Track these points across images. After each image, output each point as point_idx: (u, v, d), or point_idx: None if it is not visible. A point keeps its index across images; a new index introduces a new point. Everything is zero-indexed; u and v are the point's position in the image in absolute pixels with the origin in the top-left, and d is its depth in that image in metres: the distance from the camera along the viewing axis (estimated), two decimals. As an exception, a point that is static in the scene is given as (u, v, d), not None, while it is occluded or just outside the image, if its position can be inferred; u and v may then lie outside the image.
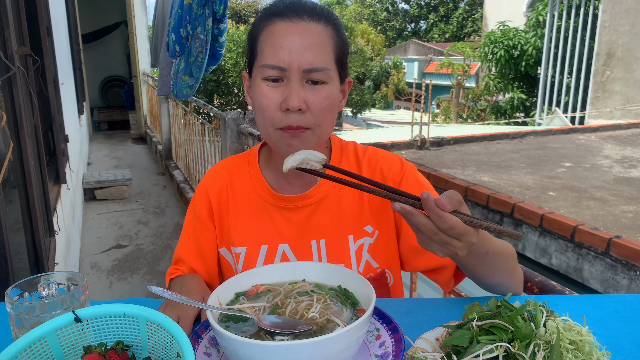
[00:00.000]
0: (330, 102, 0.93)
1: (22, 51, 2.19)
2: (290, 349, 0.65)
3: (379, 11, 32.10)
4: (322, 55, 0.91)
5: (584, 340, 0.69)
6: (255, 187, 1.06)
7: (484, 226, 0.73)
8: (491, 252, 0.85)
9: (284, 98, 0.90)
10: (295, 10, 0.92)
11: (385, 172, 1.04)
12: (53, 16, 4.25)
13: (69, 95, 5.39)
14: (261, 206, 1.05)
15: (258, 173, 1.07)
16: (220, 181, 1.09)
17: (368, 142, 6.47)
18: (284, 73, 0.90)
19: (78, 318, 0.68)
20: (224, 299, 0.82)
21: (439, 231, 0.71)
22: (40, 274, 0.80)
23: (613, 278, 3.07)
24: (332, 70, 0.93)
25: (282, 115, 0.91)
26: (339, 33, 0.96)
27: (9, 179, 2.10)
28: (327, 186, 1.04)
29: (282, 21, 0.91)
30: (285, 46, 0.89)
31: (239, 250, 1.04)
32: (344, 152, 1.08)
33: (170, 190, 6.12)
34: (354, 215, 1.03)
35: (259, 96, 0.92)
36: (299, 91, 0.89)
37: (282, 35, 0.90)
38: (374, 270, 1.03)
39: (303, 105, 0.89)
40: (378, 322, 0.81)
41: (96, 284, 3.74)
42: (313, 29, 0.91)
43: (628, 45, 9.33)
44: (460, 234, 0.71)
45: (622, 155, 5.88)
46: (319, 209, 1.03)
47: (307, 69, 0.89)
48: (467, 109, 14.76)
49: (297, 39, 0.89)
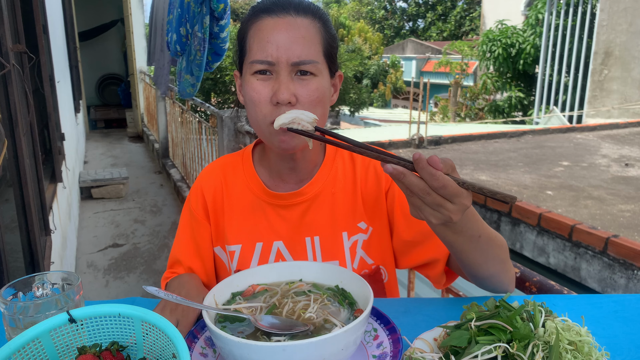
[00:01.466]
0: (320, 94, 0.92)
1: (17, 48, 2.18)
2: (287, 350, 0.64)
3: (377, 9, 32.10)
4: (310, 48, 0.91)
5: (582, 340, 0.69)
6: (250, 185, 1.06)
7: (477, 188, 0.71)
8: (484, 236, 0.83)
9: (274, 92, 0.90)
10: (281, 5, 0.93)
11: (378, 169, 1.05)
12: (49, 13, 4.22)
13: (65, 93, 5.37)
14: (256, 204, 1.05)
15: (252, 171, 1.07)
16: (215, 180, 1.09)
17: (366, 140, 6.47)
18: (273, 67, 0.91)
19: (72, 318, 0.67)
20: (221, 299, 0.81)
21: (431, 191, 0.69)
22: (35, 274, 0.80)
23: (611, 277, 3.07)
24: (320, 63, 0.93)
25: (272, 109, 0.91)
26: (327, 27, 0.96)
27: (4, 178, 2.09)
28: (321, 183, 1.04)
29: (269, 17, 0.93)
30: (273, 40, 0.90)
31: (234, 248, 1.04)
32: (338, 150, 1.08)
33: (167, 189, 6.10)
34: (348, 212, 1.03)
35: (250, 91, 0.93)
36: (288, 84, 0.90)
37: (269, 31, 0.91)
38: (369, 267, 1.03)
39: (293, 98, 0.89)
40: (376, 322, 0.80)
41: (92, 283, 3.73)
42: (300, 23, 0.92)
43: (626, 44, 9.35)
44: (453, 194, 0.69)
45: (620, 154, 5.89)
46: (313, 206, 1.03)
47: (295, 62, 0.90)
48: (465, 108, 14.77)
49: (284, 33, 0.90)
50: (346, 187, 1.05)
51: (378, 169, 1.05)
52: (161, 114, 6.60)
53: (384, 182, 1.04)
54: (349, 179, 1.05)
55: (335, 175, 1.05)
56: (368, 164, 1.06)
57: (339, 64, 1.01)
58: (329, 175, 1.05)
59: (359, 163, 1.07)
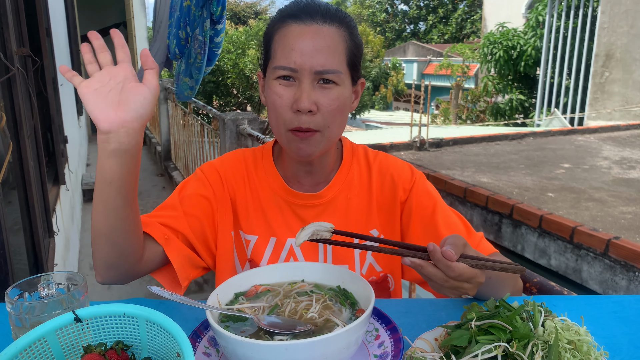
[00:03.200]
0: (341, 103, 0.94)
1: (21, 52, 2.19)
2: (289, 349, 0.65)
3: (378, 12, 32.14)
4: (334, 58, 0.92)
5: (582, 340, 0.69)
6: (269, 180, 1.06)
7: (489, 267, 0.80)
8: (494, 277, 0.89)
9: (295, 99, 0.91)
10: (308, 12, 0.93)
11: (395, 178, 1.06)
12: (52, 17, 4.24)
13: (68, 96, 5.39)
14: (273, 199, 1.06)
15: (273, 168, 1.07)
16: (238, 167, 1.08)
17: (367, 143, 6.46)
18: (296, 74, 0.91)
19: (78, 318, 0.68)
20: (224, 299, 0.82)
21: (449, 279, 0.77)
22: (40, 274, 0.80)
23: (612, 279, 3.07)
24: (343, 73, 0.93)
25: (293, 116, 0.92)
26: (353, 35, 0.97)
27: (8, 180, 2.10)
28: (337, 188, 1.05)
29: (295, 23, 0.93)
30: (297, 48, 0.91)
31: (250, 237, 1.05)
32: (354, 155, 1.09)
33: (169, 192, 6.12)
34: (362, 218, 1.05)
35: (272, 95, 0.94)
36: (310, 92, 0.91)
37: (294, 37, 0.92)
38: (377, 274, 1.05)
39: (314, 107, 0.91)
40: (377, 322, 0.81)
41: (95, 285, 3.71)
42: (325, 32, 0.92)
43: (627, 46, 9.35)
44: (469, 277, 0.78)
45: (621, 156, 5.89)
46: (328, 209, 1.04)
47: (319, 70, 0.91)
48: (466, 110, 14.77)
49: (309, 41, 0.91)
50: (361, 193, 1.06)
51: (395, 176, 1.06)
52: (163, 116, 6.62)
53: (401, 192, 1.05)
54: (365, 185, 1.07)
55: (351, 180, 1.06)
56: (385, 171, 1.07)
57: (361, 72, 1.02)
58: (345, 180, 1.06)
59: (375, 170, 1.08)
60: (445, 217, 1.04)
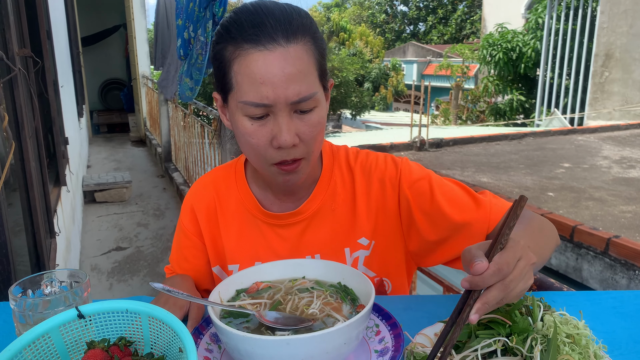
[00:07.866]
0: (322, 124, 0.87)
1: (23, 53, 2.20)
2: (290, 344, 0.65)
3: (378, 13, 32.17)
4: (308, 81, 0.82)
5: (580, 333, 0.70)
6: (245, 202, 1.01)
7: (506, 239, 0.69)
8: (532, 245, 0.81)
9: (273, 135, 0.83)
10: (267, 33, 0.80)
11: (380, 178, 1.00)
12: (53, 19, 4.26)
13: (69, 97, 5.40)
14: (252, 222, 1.01)
15: (246, 188, 1.02)
16: (207, 197, 1.04)
17: (367, 144, 6.48)
18: (270, 108, 0.82)
19: (81, 314, 0.69)
20: (225, 295, 0.83)
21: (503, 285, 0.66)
22: (43, 272, 0.81)
23: (612, 277, 3.07)
24: (318, 92, 0.85)
25: (274, 152, 0.85)
26: (316, 39, 0.85)
27: (10, 181, 2.11)
28: (320, 200, 0.99)
29: (255, 50, 0.80)
30: (267, 81, 0.80)
31: (232, 268, 1.02)
32: (335, 159, 1.03)
33: (169, 193, 6.12)
34: (348, 228, 1.00)
35: (245, 135, 0.85)
36: (289, 125, 0.82)
37: (260, 68, 0.80)
38: (372, 280, 1.02)
39: (295, 139, 0.83)
40: (377, 318, 0.82)
41: (96, 286, 3.75)
42: (292, 53, 0.81)
43: (626, 46, 9.35)
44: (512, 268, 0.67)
45: (621, 155, 5.89)
46: (312, 224, 0.99)
47: (294, 101, 0.81)
48: (466, 111, 14.78)
49: (277, 71, 0.80)
50: (346, 201, 1.00)
51: (379, 176, 0.99)
52: (164, 118, 6.63)
53: (390, 189, 0.99)
54: (349, 193, 1.00)
55: (334, 190, 1.00)
56: (368, 173, 1.00)
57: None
58: (328, 191, 1.00)
59: (357, 173, 1.01)
60: (445, 192, 0.96)
